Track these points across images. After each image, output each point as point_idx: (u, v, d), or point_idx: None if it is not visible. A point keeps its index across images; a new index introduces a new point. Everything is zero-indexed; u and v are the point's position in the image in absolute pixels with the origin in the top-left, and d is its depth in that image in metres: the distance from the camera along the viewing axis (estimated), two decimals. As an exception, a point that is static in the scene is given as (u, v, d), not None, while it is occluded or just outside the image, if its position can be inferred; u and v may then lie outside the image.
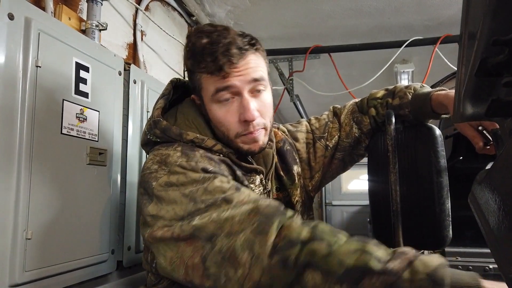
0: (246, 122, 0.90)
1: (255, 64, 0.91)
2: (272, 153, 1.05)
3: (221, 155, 0.93)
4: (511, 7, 0.37)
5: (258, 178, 0.98)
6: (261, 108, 0.92)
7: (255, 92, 0.92)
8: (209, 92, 0.90)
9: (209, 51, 0.86)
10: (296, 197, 1.10)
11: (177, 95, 1.06)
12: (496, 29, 0.38)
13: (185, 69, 0.96)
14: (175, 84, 1.04)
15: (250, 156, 1.01)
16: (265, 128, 0.95)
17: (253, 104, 0.90)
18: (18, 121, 0.90)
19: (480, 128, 0.93)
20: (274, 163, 1.05)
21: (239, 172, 0.94)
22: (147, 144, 0.99)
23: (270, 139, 1.03)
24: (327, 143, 1.16)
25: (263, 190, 1.00)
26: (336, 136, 1.15)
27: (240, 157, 0.95)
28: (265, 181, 1.01)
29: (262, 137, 0.95)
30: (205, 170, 0.84)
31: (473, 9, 0.43)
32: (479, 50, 0.41)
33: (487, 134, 0.92)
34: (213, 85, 0.89)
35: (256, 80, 0.90)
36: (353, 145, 1.15)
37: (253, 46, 0.91)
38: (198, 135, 0.92)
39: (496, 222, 0.40)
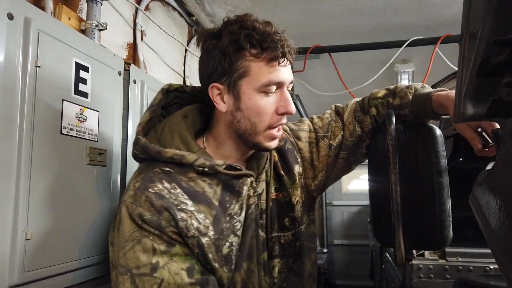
0: (283, 114, 0.94)
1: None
2: (267, 155, 1.05)
3: (205, 169, 0.90)
4: (512, 6, 0.37)
5: (249, 181, 0.97)
6: None
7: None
8: (258, 81, 0.90)
9: (276, 37, 0.89)
10: (296, 198, 1.09)
11: (171, 100, 1.06)
12: (497, 29, 0.38)
13: (224, 54, 0.90)
14: (166, 91, 1.03)
15: (245, 155, 1.03)
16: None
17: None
18: (17, 121, 0.89)
19: (479, 130, 0.92)
20: (267, 164, 1.04)
21: (225, 177, 0.94)
22: (135, 158, 1.00)
23: None
24: (331, 142, 1.14)
25: (253, 193, 0.99)
26: (340, 135, 1.15)
27: (229, 167, 0.93)
28: (256, 184, 1.00)
29: (280, 135, 0.99)
30: (140, 216, 0.85)
31: (474, 9, 0.43)
32: (480, 50, 0.41)
33: (486, 136, 0.91)
34: (267, 76, 0.90)
35: (292, 82, 0.96)
36: (357, 144, 1.15)
37: None
38: (177, 152, 0.90)
39: (497, 223, 0.40)
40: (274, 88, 0.91)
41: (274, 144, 0.97)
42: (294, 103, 3.24)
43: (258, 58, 0.89)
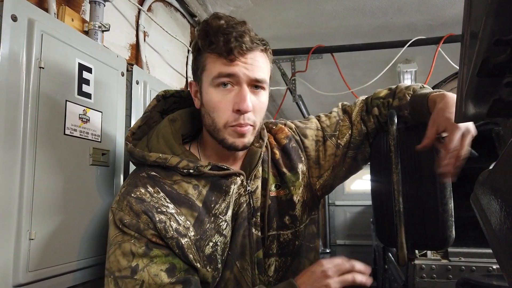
0: (239, 112, 0.91)
1: (261, 64, 0.94)
2: (260, 152, 1.04)
3: (190, 170, 0.92)
4: (513, 6, 0.37)
5: (239, 180, 0.98)
6: (255, 105, 0.94)
7: (253, 89, 0.94)
8: (211, 74, 0.91)
9: (224, 32, 0.89)
10: (298, 196, 1.08)
11: (170, 105, 1.09)
12: (498, 29, 0.38)
13: (193, 52, 0.97)
14: (162, 97, 1.06)
15: (233, 155, 1.02)
16: (253, 126, 0.96)
17: (249, 97, 0.92)
18: (21, 122, 0.90)
19: (443, 135, 0.92)
20: (259, 162, 1.04)
21: (213, 177, 0.95)
22: (131, 162, 1.03)
23: (261, 138, 1.05)
24: (339, 141, 1.13)
25: (244, 191, 1.00)
26: (348, 134, 1.14)
27: (215, 167, 0.94)
28: (247, 182, 1.00)
29: (249, 135, 0.96)
30: (121, 221, 0.89)
31: (475, 8, 0.43)
32: (481, 49, 0.41)
33: (440, 140, 0.91)
34: (218, 68, 0.90)
35: (257, 80, 0.93)
36: (365, 143, 1.15)
37: (263, 45, 0.95)
38: (160, 155, 0.93)
39: (498, 222, 0.40)
40: (225, 80, 0.91)
41: (241, 142, 0.95)
42: (297, 103, 3.25)
43: (211, 53, 0.91)
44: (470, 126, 0.91)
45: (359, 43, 2.54)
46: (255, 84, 0.94)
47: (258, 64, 0.93)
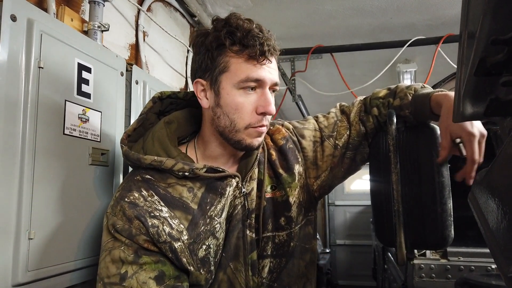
0: (262, 114, 0.94)
1: (276, 68, 0.98)
2: (257, 153, 1.04)
3: (186, 173, 0.92)
4: (510, 6, 0.37)
5: (233, 182, 0.98)
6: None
7: (271, 92, 0.97)
8: (236, 76, 0.91)
9: (256, 35, 0.90)
10: (293, 197, 1.08)
11: (166, 107, 1.09)
12: (495, 29, 0.38)
13: (210, 50, 0.93)
14: (158, 99, 1.05)
15: (235, 156, 1.03)
16: (267, 127, 0.98)
17: (272, 100, 0.95)
18: (20, 122, 0.90)
19: (457, 140, 0.92)
20: (255, 163, 1.04)
21: (208, 180, 0.95)
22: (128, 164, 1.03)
23: None
24: (336, 142, 1.13)
25: (239, 193, 1.00)
26: (346, 135, 1.13)
27: (210, 169, 0.94)
28: (242, 184, 1.01)
29: (263, 135, 0.98)
30: (113, 226, 0.89)
31: (472, 8, 0.43)
32: (478, 49, 0.41)
33: (462, 149, 0.91)
34: (246, 71, 0.91)
35: (276, 84, 0.97)
36: (363, 143, 1.14)
37: (278, 50, 0.98)
38: (156, 158, 0.92)
39: (495, 221, 0.40)
40: (253, 84, 0.92)
41: (257, 141, 0.97)
42: (296, 103, 3.25)
43: (238, 54, 0.91)
44: (481, 128, 0.91)
45: (359, 43, 2.54)
46: (273, 88, 0.97)
47: (275, 68, 0.96)
